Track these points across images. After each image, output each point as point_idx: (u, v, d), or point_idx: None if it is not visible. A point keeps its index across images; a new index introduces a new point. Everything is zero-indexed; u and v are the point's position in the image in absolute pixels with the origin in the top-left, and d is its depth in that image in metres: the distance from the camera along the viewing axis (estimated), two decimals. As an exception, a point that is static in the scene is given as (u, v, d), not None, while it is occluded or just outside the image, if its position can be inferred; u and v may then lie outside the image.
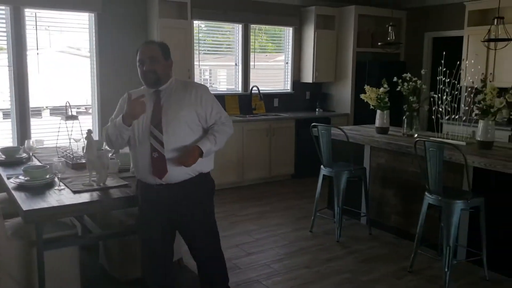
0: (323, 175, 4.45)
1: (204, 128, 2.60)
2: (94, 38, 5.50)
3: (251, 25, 6.63)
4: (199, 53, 6.21)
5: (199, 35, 6.30)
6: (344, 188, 4.25)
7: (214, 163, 2.74)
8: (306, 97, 7.35)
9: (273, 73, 7.15)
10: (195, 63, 6.15)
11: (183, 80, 2.76)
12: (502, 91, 3.77)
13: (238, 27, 6.54)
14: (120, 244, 3.29)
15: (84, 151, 3.03)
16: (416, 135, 4.36)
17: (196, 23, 6.20)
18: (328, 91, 7.36)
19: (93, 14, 5.45)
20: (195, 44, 6.17)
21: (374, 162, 4.60)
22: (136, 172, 2.65)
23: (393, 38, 4.90)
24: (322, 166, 4.43)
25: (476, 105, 3.82)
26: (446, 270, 3.36)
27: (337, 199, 4.28)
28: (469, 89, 4.12)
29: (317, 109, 7.13)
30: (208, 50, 6.38)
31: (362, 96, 4.73)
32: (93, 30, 5.49)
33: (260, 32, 6.96)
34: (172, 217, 2.61)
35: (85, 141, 3.00)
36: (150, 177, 2.54)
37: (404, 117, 4.57)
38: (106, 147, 3.25)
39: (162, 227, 2.63)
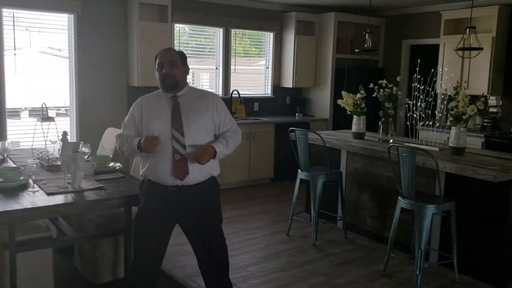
0: (300, 179, 4.50)
1: (216, 135, 2.74)
2: (73, 40, 5.46)
3: (233, 30, 6.67)
4: (179, 56, 6.22)
5: (183, 38, 6.33)
6: (320, 192, 4.30)
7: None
8: (286, 101, 7.41)
9: (253, 77, 7.19)
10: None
11: (197, 88, 2.93)
12: (475, 99, 3.88)
13: (219, 31, 6.57)
14: (95, 247, 3.28)
15: (59, 153, 3.02)
16: (391, 141, 4.44)
17: (180, 26, 6.21)
18: (308, 96, 7.43)
19: (72, 16, 5.42)
20: (178, 47, 6.18)
21: (350, 167, 4.67)
22: (151, 174, 2.67)
23: (370, 45, 4.99)
24: (299, 170, 4.48)
25: (450, 112, 3.92)
26: (417, 273, 3.43)
27: (314, 203, 4.33)
28: (443, 96, 4.22)
29: (297, 114, 7.19)
30: (191, 53, 6.40)
31: (339, 101, 4.80)
32: (72, 32, 5.45)
33: (244, 37, 7.01)
34: (181, 218, 2.71)
35: (61, 143, 2.99)
36: (169, 178, 2.61)
37: (380, 123, 4.66)
38: (83, 149, 3.25)
39: (165, 227, 2.71)
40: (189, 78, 6.43)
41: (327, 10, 7.08)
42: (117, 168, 3.44)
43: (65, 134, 2.98)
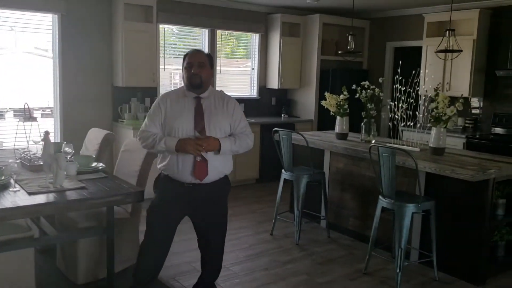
0: (284, 179, 4.53)
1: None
2: (57, 40, 5.44)
3: (219, 31, 6.69)
4: (165, 56, 6.23)
5: (171, 39, 6.34)
6: (303, 192, 4.35)
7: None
8: (272, 102, 7.45)
9: (240, 78, 7.22)
10: (162, 66, 6.17)
11: (218, 90, 3.05)
12: (456, 100, 3.95)
13: (205, 32, 6.59)
14: (77, 247, 3.27)
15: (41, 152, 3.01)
16: (373, 141, 4.50)
17: (168, 27, 6.22)
18: (293, 97, 7.48)
19: (56, 16, 5.40)
20: (165, 48, 6.20)
21: (334, 167, 4.72)
22: (171, 170, 2.83)
23: (353, 47, 5.05)
24: (283, 170, 4.52)
25: (430, 113, 3.99)
26: (398, 271, 3.49)
27: (297, 202, 4.37)
28: (423, 97, 4.29)
29: (282, 115, 7.24)
30: (179, 54, 6.41)
31: (322, 102, 4.86)
32: (57, 32, 5.43)
33: (232, 38, 7.04)
34: (194, 212, 2.91)
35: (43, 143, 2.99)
36: (188, 177, 2.79)
37: (362, 124, 4.72)
38: (66, 149, 3.25)
39: (175, 219, 2.91)
40: (176, 79, 6.50)
41: (312, 12, 7.14)
42: (100, 168, 3.44)
43: (47, 133, 2.98)
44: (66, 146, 3.28)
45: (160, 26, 6.10)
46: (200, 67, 2.81)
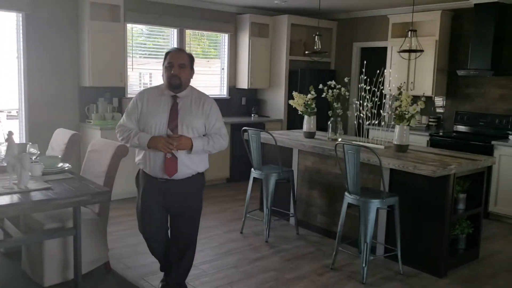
0: (254, 177, 4.58)
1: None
2: (21, 39, 5.33)
3: (189, 30, 6.69)
4: (133, 56, 6.18)
5: (140, 39, 6.29)
6: (273, 190, 4.40)
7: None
8: (242, 102, 7.49)
9: (210, 78, 7.22)
10: (131, 66, 6.12)
11: (198, 90, 3.05)
12: (417, 99, 4.07)
13: (173, 32, 6.58)
14: (43, 249, 3.23)
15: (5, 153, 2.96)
16: (339, 139, 4.60)
17: (137, 26, 6.18)
18: (263, 97, 7.55)
19: (21, 14, 5.29)
20: (134, 48, 6.15)
21: (302, 165, 4.80)
22: (145, 166, 2.95)
23: (320, 47, 5.14)
24: (252, 169, 4.56)
25: (394, 111, 4.11)
26: (364, 266, 3.58)
27: (266, 200, 4.42)
28: (388, 96, 4.42)
29: (252, 115, 7.29)
30: (149, 54, 6.37)
31: (290, 102, 4.93)
32: (21, 31, 5.32)
33: (202, 38, 7.03)
34: (168, 204, 3.00)
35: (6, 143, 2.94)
36: (159, 172, 2.89)
37: (329, 122, 4.81)
38: (31, 150, 3.20)
39: (159, 209, 3.01)
40: (146, 80, 6.46)
41: (281, 13, 7.22)
42: (66, 168, 3.41)
43: (10, 134, 2.94)
44: (31, 147, 3.24)
45: (128, 25, 6.06)
46: (180, 68, 2.86)
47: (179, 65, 2.86)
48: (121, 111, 5.98)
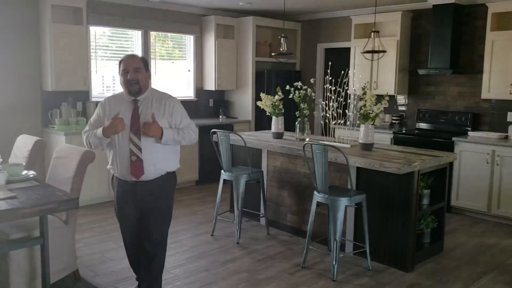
0: (224, 179, 4.59)
1: None
2: (-22, 43, 5.16)
3: (153, 32, 6.62)
4: (96, 58, 6.07)
5: (103, 41, 6.18)
6: (243, 191, 4.42)
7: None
8: (209, 104, 7.48)
9: (176, 80, 7.18)
10: (94, 69, 6.01)
11: (159, 91, 3.10)
12: (381, 98, 4.18)
13: (138, 34, 6.50)
14: (8, 259, 3.13)
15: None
16: (307, 139, 4.67)
17: (100, 28, 6.07)
18: (231, 99, 7.56)
19: (-23, 17, 5.12)
20: (97, 50, 6.04)
21: (271, 165, 4.84)
22: (114, 170, 3.03)
23: (285, 48, 5.20)
24: (222, 171, 4.57)
25: (359, 111, 4.20)
26: (334, 263, 3.65)
27: (237, 202, 4.44)
28: (353, 96, 4.51)
29: (220, 116, 7.29)
30: (111, 56, 6.26)
31: (258, 103, 4.96)
32: (-22, 34, 5.15)
33: (167, 39, 6.96)
34: (140, 206, 3.04)
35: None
36: (127, 175, 2.96)
37: (296, 123, 4.87)
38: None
39: (133, 212, 3.06)
40: (109, 83, 6.35)
41: (246, 14, 7.25)
42: (31, 176, 3.32)
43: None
44: (-8, 155, 3.14)
45: (91, 28, 5.95)
46: (136, 72, 2.91)
47: (134, 69, 2.91)
48: (86, 116, 5.87)
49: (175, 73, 7.16)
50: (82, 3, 5.58)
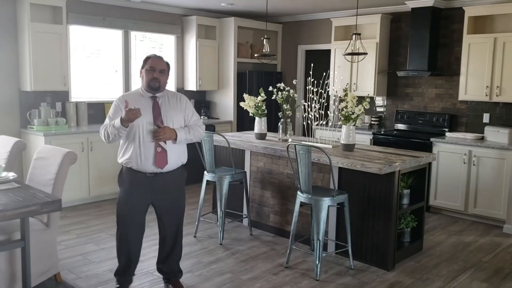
0: (207, 180, 4.58)
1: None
2: (-46, 41, 5.03)
3: (133, 32, 6.57)
4: (70, 58, 5.99)
5: (82, 40, 6.09)
6: (226, 192, 4.43)
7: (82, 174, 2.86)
8: (190, 105, 7.44)
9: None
10: (74, 69, 5.93)
11: (170, 90, 3.36)
12: (362, 99, 4.25)
13: (118, 34, 6.44)
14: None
15: None
16: (290, 140, 4.70)
17: (79, 27, 5.98)
18: (212, 99, 7.55)
19: (-48, 15, 5.00)
20: (77, 50, 5.95)
21: (254, 166, 4.86)
22: (134, 163, 3.13)
23: (268, 50, 5.23)
24: (205, 172, 4.57)
25: (340, 112, 4.26)
26: (317, 263, 3.69)
27: (220, 203, 4.44)
28: (334, 97, 4.57)
29: (202, 117, 7.27)
30: (90, 54, 6.17)
31: (241, 104, 4.98)
32: (-47, 33, 5.02)
33: (145, 39, 6.89)
34: (156, 198, 3.22)
35: None
36: (150, 167, 3.12)
37: (279, 124, 4.91)
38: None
39: (142, 208, 3.23)
40: (90, 82, 6.27)
41: (227, 15, 7.26)
42: (11, 178, 3.26)
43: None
44: (-29, 156, 3.07)
45: (71, 27, 5.86)
46: (161, 73, 3.17)
47: (160, 70, 3.17)
48: (65, 116, 5.79)
49: (156, 73, 7.09)
50: (61, 2, 5.50)
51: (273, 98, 4.82)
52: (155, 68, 3.16)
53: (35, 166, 3.62)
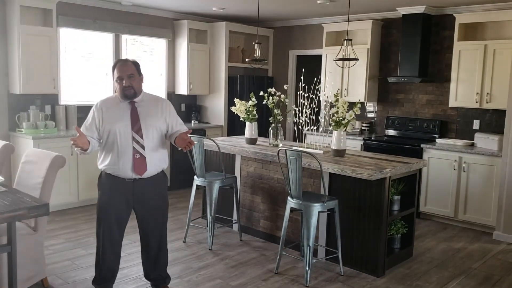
0: (197, 185, 4.56)
1: (166, 135, 3.23)
2: None
3: (124, 35, 6.53)
4: (60, 61, 5.93)
5: (73, 43, 6.04)
6: (216, 197, 4.40)
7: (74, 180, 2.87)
8: (181, 109, 7.42)
9: (147, 84, 7.07)
10: (64, 72, 5.88)
11: (151, 94, 3.29)
12: (353, 105, 4.26)
13: (109, 37, 6.40)
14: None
15: None
16: (280, 145, 4.69)
17: (70, 31, 5.93)
18: (203, 104, 7.53)
19: None
20: (67, 53, 5.90)
21: (244, 171, 4.84)
22: (112, 169, 3.08)
23: (259, 55, 5.23)
24: (195, 177, 4.54)
25: (331, 117, 4.26)
26: (307, 269, 3.67)
27: (210, 208, 4.41)
28: (325, 103, 4.57)
29: (192, 121, 7.24)
30: (81, 57, 6.12)
31: (232, 108, 4.96)
32: None
33: (136, 42, 6.86)
34: (136, 204, 3.16)
35: None
36: (129, 173, 3.06)
37: (270, 129, 4.90)
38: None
39: (123, 213, 3.16)
40: (80, 85, 6.22)
41: (219, 20, 7.25)
42: (-2, 181, 3.21)
43: None
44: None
45: (61, 30, 5.82)
46: (130, 79, 3.05)
47: (128, 76, 3.05)
48: (54, 119, 5.73)
49: (147, 77, 7.05)
50: (52, 4, 5.45)
51: (264, 102, 4.81)
52: (122, 76, 3.04)
53: (23, 169, 3.57)
